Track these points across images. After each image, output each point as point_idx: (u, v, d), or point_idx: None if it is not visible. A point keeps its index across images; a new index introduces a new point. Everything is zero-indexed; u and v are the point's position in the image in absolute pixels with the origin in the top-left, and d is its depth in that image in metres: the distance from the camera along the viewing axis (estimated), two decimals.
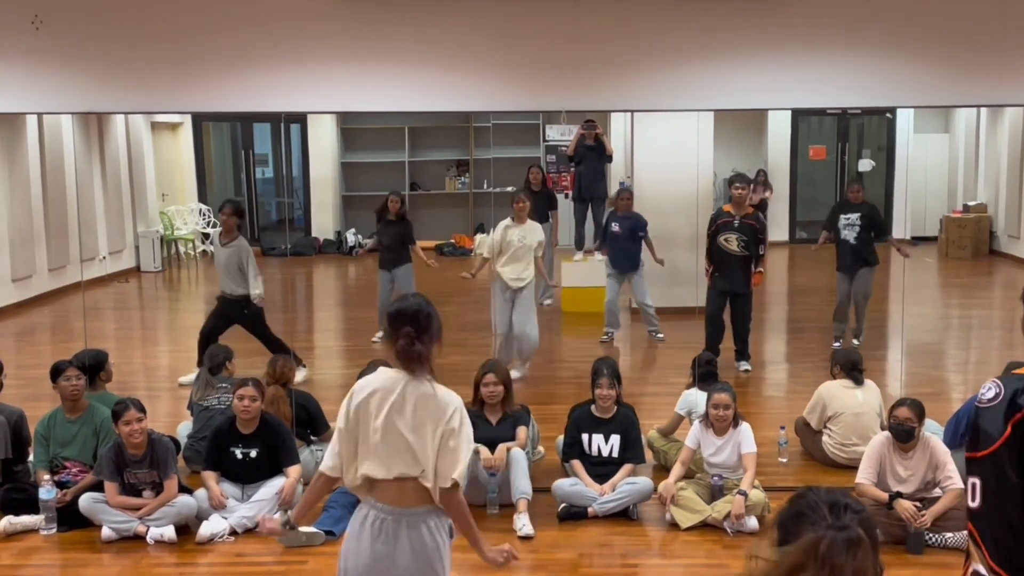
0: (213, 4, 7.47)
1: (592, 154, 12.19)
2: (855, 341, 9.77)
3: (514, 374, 8.71)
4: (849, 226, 9.67)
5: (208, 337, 8.55)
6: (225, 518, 5.88)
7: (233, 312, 8.66)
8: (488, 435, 6.22)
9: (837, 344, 9.80)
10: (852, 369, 6.92)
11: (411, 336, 3.61)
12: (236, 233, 8.72)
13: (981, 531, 2.81)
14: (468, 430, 3.67)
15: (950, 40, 7.39)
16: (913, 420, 5.74)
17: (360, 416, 3.65)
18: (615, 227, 10.26)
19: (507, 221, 8.99)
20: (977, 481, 2.81)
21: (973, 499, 2.82)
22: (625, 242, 10.27)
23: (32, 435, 6.41)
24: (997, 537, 2.80)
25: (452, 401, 3.67)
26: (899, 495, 5.61)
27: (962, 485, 5.37)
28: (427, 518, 3.65)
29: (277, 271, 15.66)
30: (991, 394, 2.85)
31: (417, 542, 3.63)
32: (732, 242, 8.83)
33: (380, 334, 10.26)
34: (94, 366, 6.87)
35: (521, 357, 9.05)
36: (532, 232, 8.98)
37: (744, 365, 9.09)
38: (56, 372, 6.36)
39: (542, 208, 12.10)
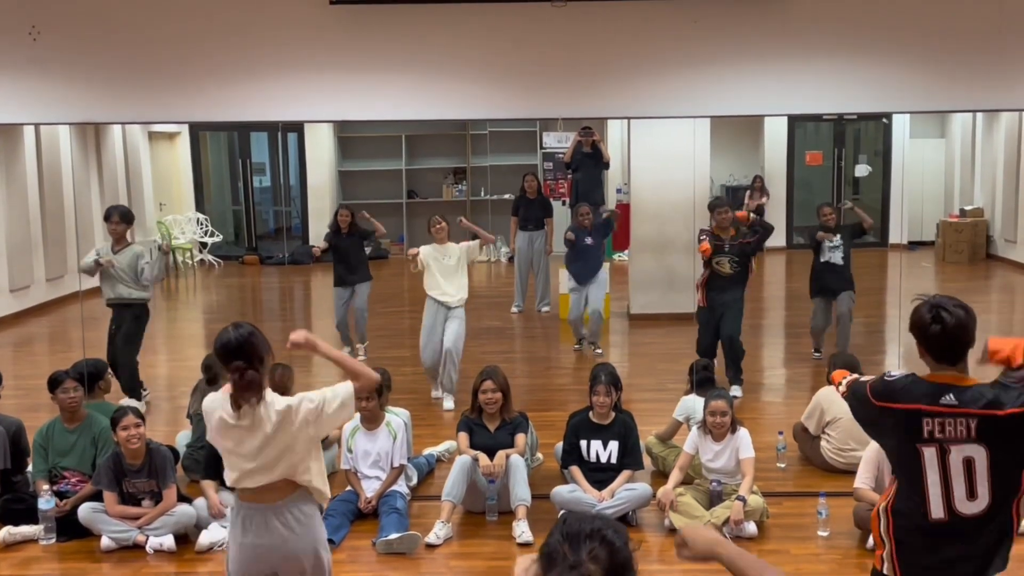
0: (210, 14, 7.49)
1: (589, 161, 12.23)
2: (817, 355, 9.75)
3: (447, 404, 8.51)
4: (834, 249, 9.57)
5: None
6: (224, 527, 5.87)
7: (126, 316, 8.47)
8: (487, 442, 6.23)
9: (817, 355, 9.77)
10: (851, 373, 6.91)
11: (241, 368, 3.84)
12: (126, 240, 8.50)
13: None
14: (318, 393, 3.94)
15: (946, 45, 7.42)
16: None
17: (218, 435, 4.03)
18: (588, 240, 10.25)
19: (426, 249, 8.73)
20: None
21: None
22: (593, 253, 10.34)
23: (31, 445, 6.42)
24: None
25: (284, 402, 3.91)
26: None
27: None
28: (291, 507, 3.94)
29: (275, 279, 15.67)
30: (898, 374, 3.54)
31: (286, 528, 3.93)
32: (725, 265, 8.73)
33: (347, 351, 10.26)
34: (93, 375, 6.88)
35: (448, 381, 8.63)
36: (452, 252, 8.66)
37: (736, 391, 8.63)
38: (54, 383, 6.36)
39: (538, 215, 12.14)
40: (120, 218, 8.48)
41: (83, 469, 6.22)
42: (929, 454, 3.32)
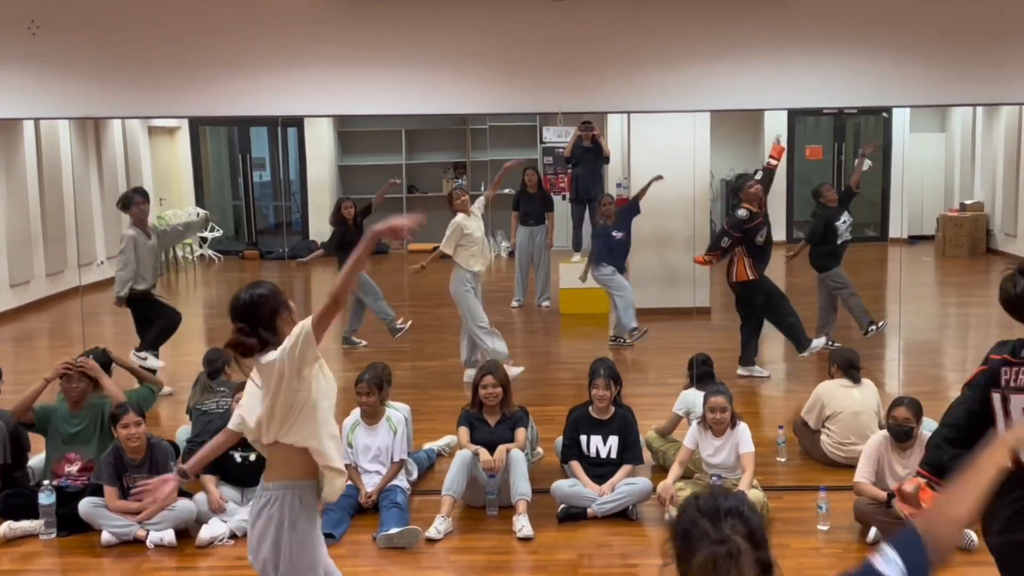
0: (209, 9, 7.49)
1: (589, 155, 12.21)
2: (873, 328, 9.67)
3: (514, 371, 8.65)
4: (848, 227, 9.57)
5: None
6: (224, 521, 5.88)
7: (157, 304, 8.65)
8: (487, 437, 6.23)
9: (837, 344, 9.76)
10: (849, 368, 6.92)
11: (243, 330, 3.75)
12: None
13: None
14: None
15: (946, 39, 7.41)
16: (911, 420, 5.76)
17: None
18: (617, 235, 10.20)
19: (461, 217, 8.95)
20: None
21: None
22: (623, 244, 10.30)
23: (30, 441, 6.44)
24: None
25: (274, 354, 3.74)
26: None
27: None
28: (278, 495, 3.78)
29: (275, 275, 15.66)
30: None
31: (267, 515, 3.78)
32: (761, 237, 8.79)
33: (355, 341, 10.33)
34: (103, 365, 6.88)
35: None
36: (477, 221, 9.07)
37: (818, 342, 8.99)
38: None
39: (538, 210, 12.13)
40: (143, 199, 8.51)
41: (89, 453, 6.22)
42: (996, 399, 3.68)
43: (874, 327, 9.55)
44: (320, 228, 17.08)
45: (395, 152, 17.34)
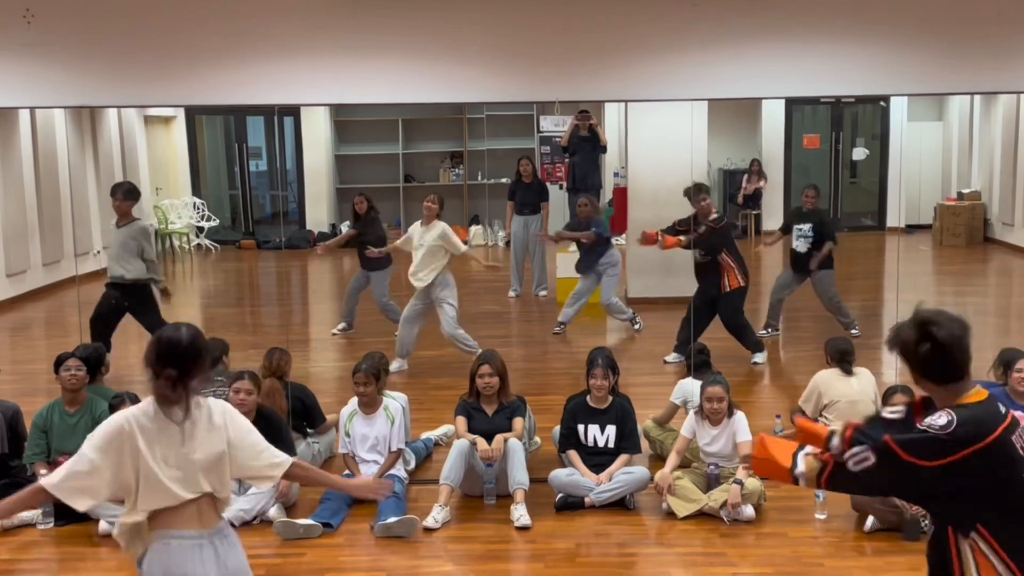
0: None
1: (587, 145, 12.18)
2: (854, 332, 9.76)
3: (394, 366, 8.58)
4: (802, 237, 9.65)
5: (105, 330, 8.51)
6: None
7: (130, 298, 8.55)
8: (485, 426, 6.23)
9: (765, 333, 9.84)
10: (841, 359, 6.91)
11: (172, 381, 3.48)
12: (131, 216, 8.58)
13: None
14: (245, 422, 3.69)
15: (944, 28, 7.40)
16: None
17: (128, 455, 3.53)
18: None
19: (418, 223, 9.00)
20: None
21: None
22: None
23: (27, 430, 6.42)
24: None
25: (216, 408, 3.62)
26: None
27: None
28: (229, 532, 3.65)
29: (272, 264, 15.65)
30: (943, 421, 2.95)
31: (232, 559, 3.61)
32: (696, 253, 8.96)
33: (341, 326, 10.29)
34: (96, 360, 6.87)
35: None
36: (433, 231, 8.84)
37: (757, 357, 9.08)
38: (58, 363, 6.39)
39: (534, 199, 12.11)
40: (124, 195, 8.54)
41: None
42: None
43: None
44: (316, 217, 17.08)
45: (392, 141, 17.33)
